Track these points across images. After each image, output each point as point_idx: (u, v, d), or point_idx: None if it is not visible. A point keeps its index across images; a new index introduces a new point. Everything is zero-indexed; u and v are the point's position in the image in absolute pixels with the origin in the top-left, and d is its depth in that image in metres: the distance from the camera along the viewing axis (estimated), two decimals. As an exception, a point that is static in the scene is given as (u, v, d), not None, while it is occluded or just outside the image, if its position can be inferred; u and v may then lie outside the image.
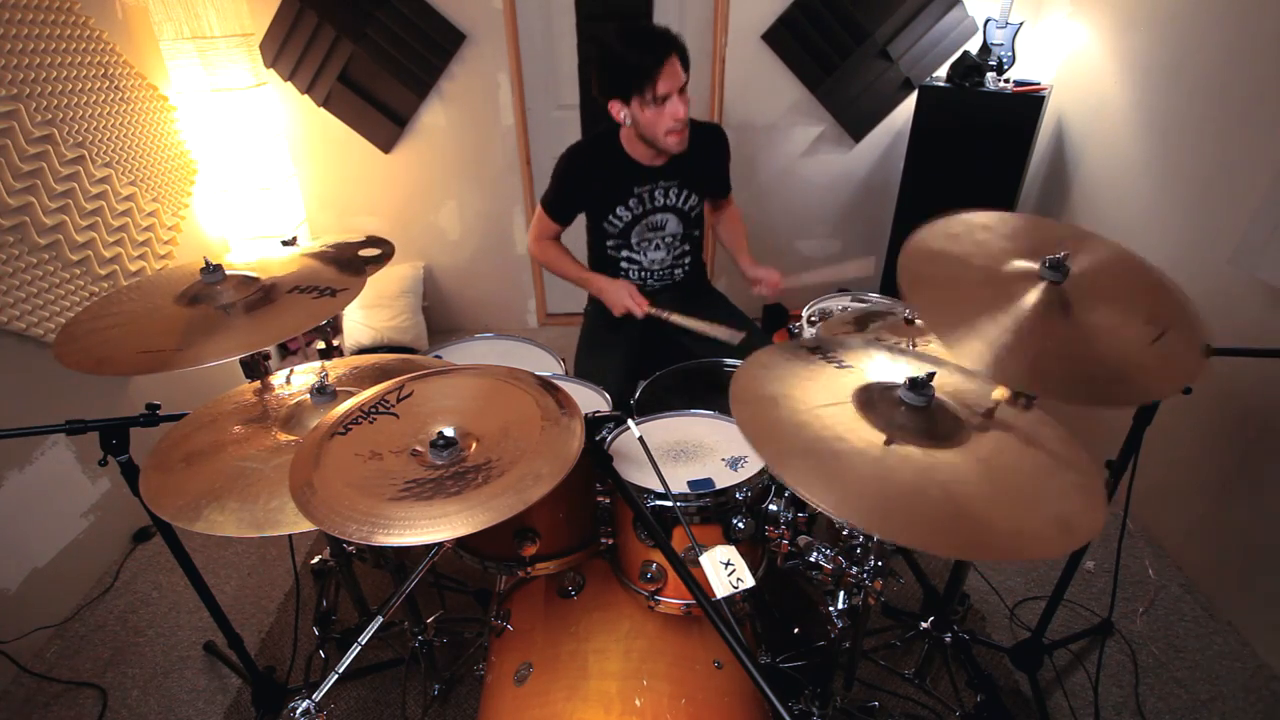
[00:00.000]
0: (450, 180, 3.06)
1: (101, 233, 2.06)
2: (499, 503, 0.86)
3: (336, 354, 1.72)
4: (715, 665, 1.21)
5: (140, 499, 1.04)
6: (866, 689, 1.67)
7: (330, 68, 2.76)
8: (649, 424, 1.40)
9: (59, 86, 1.91)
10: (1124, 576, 1.98)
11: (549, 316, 3.45)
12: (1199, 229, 1.95)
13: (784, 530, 1.18)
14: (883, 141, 2.97)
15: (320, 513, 0.86)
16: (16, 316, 1.77)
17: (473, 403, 1.07)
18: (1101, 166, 2.42)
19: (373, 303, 3.07)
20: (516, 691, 1.19)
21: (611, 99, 1.66)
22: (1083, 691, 1.69)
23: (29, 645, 1.85)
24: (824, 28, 2.71)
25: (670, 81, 1.59)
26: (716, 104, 2.90)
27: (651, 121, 1.65)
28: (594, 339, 1.97)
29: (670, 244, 1.92)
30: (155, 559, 2.16)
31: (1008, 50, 2.51)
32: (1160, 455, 1.78)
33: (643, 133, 1.69)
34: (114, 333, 1.18)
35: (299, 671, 1.75)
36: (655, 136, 1.68)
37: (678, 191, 1.83)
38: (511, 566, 1.24)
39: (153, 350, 1.13)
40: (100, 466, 1.22)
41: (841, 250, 3.27)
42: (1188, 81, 1.99)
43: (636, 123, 1.67)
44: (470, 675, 1.71)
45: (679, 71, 1.61)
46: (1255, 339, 1.72)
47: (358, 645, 0.93)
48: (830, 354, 1.12)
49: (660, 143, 1.69)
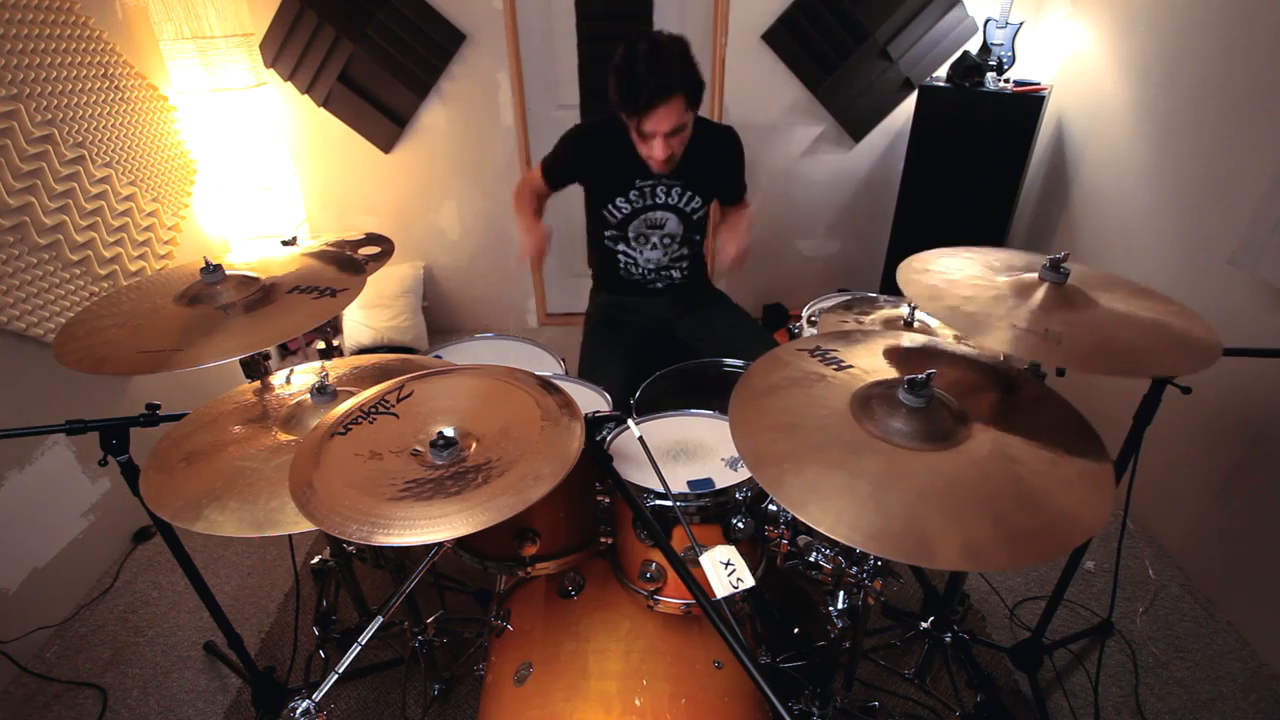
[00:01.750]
0: (450, 180, 3.06)
1: (101, 233, 2.06)
2: (499, 503, 0.86)
3: (336, 354, 1.72)
4: (715, 665, 1.21)
5: (140, 499, 1.04)
6: (866, 689, 1.66)
7: (330, 68, 2.76)
8: (649, 424, 1.40)
9: (59, 86, 1.91)
10: (1124, 576, 1.98)
11: (549, 316, 3.45)
12: (1199, 229, 1.95)
13: (784, 530, 1.18)
14: (883, 141, 2.97)
15: (320, 513, 0.86)
16: (16, 316, 1.77)
17: (473, 403, 1.07)
18: (1101, 166, 2.42)
19: (373, 303, 3.07)
20: (516, 691, 1.19)
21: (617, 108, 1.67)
22: (1083, 691, 1.69)
23: (29, 645, 1.85)
24: (824, 28, 2.71)
25: (658, 125, 1.57)
26: (716, 104, 2.90)
27: (639, 143, 1.67)
28: (596, 340, 1.97)
29: (667, 245, 1.91)
30: (155, 559, 2.16)
31: (1008, 50, 2.51)
32: (1160, 455, 1.78)
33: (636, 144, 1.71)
34: (114, 333, 1.18)
35: (299, 671, 1.75)
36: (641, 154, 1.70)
37: (680, 192, 1.83)
38: (511, 566, 1.24)
39: (152, 350, 1.13)
40: (100, 466, 1.22)
41: (841, 250, 3.27)
42: (1188, 81, 1.99)
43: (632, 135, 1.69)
44: (470, 675, 1.71)
45: (675, 115, 1.57)
46: (1255, 339, 1.72)
47: (358, 645, 0.93)
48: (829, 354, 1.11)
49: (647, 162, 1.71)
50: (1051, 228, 2.72)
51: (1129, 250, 2.25)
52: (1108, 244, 2.36)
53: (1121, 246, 2.29)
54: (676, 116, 1.58)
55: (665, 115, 1.56)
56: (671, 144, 1.63)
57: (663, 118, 1.57)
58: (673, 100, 1.55)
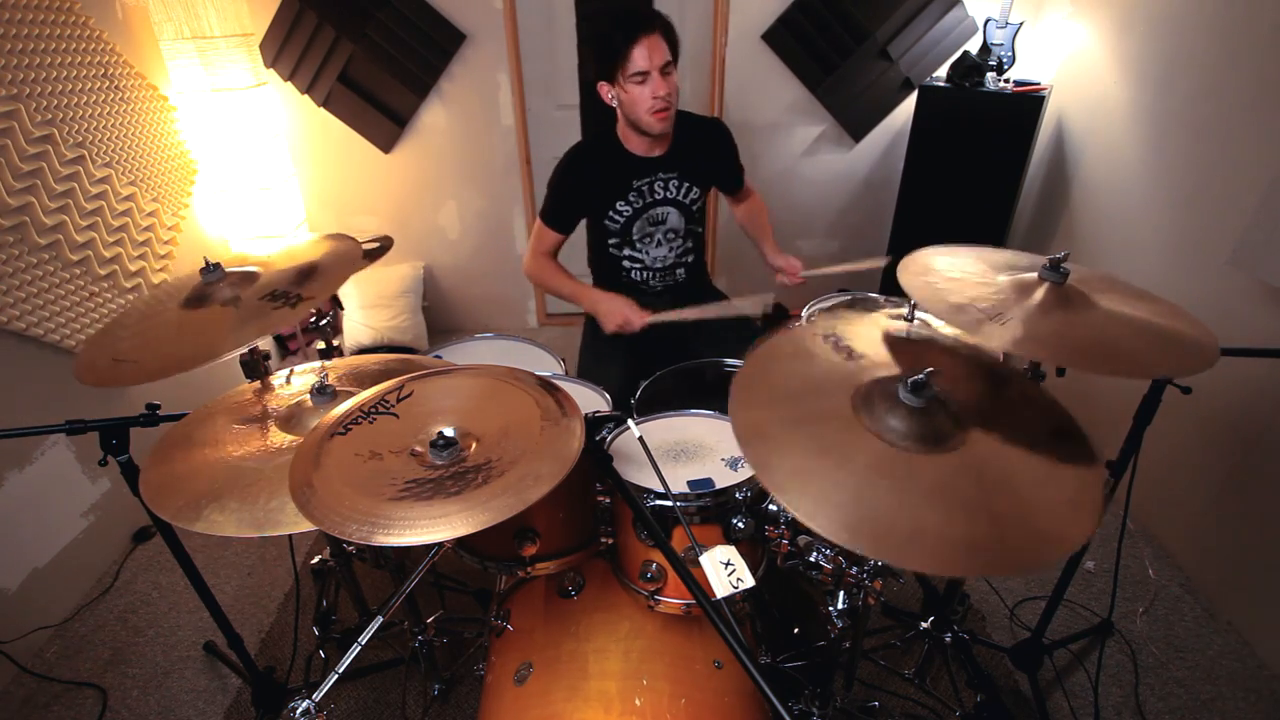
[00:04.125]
0: (450, 180, 3.06)
1: (101, 233, 2.06)
2: (499, 503, 0.86)
3: (336, 354, 1.72)
4: (715, 665, 1.21)
5: (140, 499, 1.04)
6: (866, 689, 1.66)
7: (330, 68, 2.76)
8: (649, 424, 1.40)
9: (59, 86, 1.91)
10: (1124, 576, 1.98)
11: (549, 316, 3.45)
12: (1199, 228, 1.95)
13: (784, 530, 1.18)
14: (883, 141, 2.97)
15: (320, 513, 0.86)
16: (16, 316, 1.77)
17: (473, 403, 1.07)
18: (1101, 166, 2.42)
19: (373, 303, 3.07)
20: (516, 691, 1.19)
21: (600, 82, 1.68)
22: (1083, 691, 1.68)
23: (29, 645, 1.85)
24: (824, 28, 2.71)
25: (647, 57, 1.59)
26: (717, 104, 2.90)
27: (634, 101, 1.65)
28: (596, 341, 1.97)
29: (671, 239, 1.91)
30: (155, 559, 2.16)
31: (1008, 50, 2.51)
32: (1160, 455, 1.78)
33: (629, 114, 1.70)
34: (126, 345, 1.20)
35: (299, 671, 1.75)
36: (639, 117, 1.68)
37: (678, 184, 1.83)
38: (511, 566, 1.24)
39: (169, 355, 1.14)
40: (100, 466, 1.22)
41: (841, 250, 3.27)
42: (1187, 81, 1.99)
43: (622, 104, 1.68)
44: (470, 675, 1.71)
45: (659, 49, 1.60)
46: (1254, 339, 1.72)
47: (358, 645, 0.93)
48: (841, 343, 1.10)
49: (644, 123, 1.68)
50: (1051, 228, 2.72)
51: (1129, 250, 2.25)
52: (1107, 244, 2.36)
53: (1121, 246, 2.29)
54: (662, 50, 1.60)
55: (652, 46, 1.59)
56: (668, 82, 1.63)
57: (650, 49, 1.58)
58: (653, 33, 1.58)
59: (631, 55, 1.58)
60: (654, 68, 1.60)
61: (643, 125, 1.69)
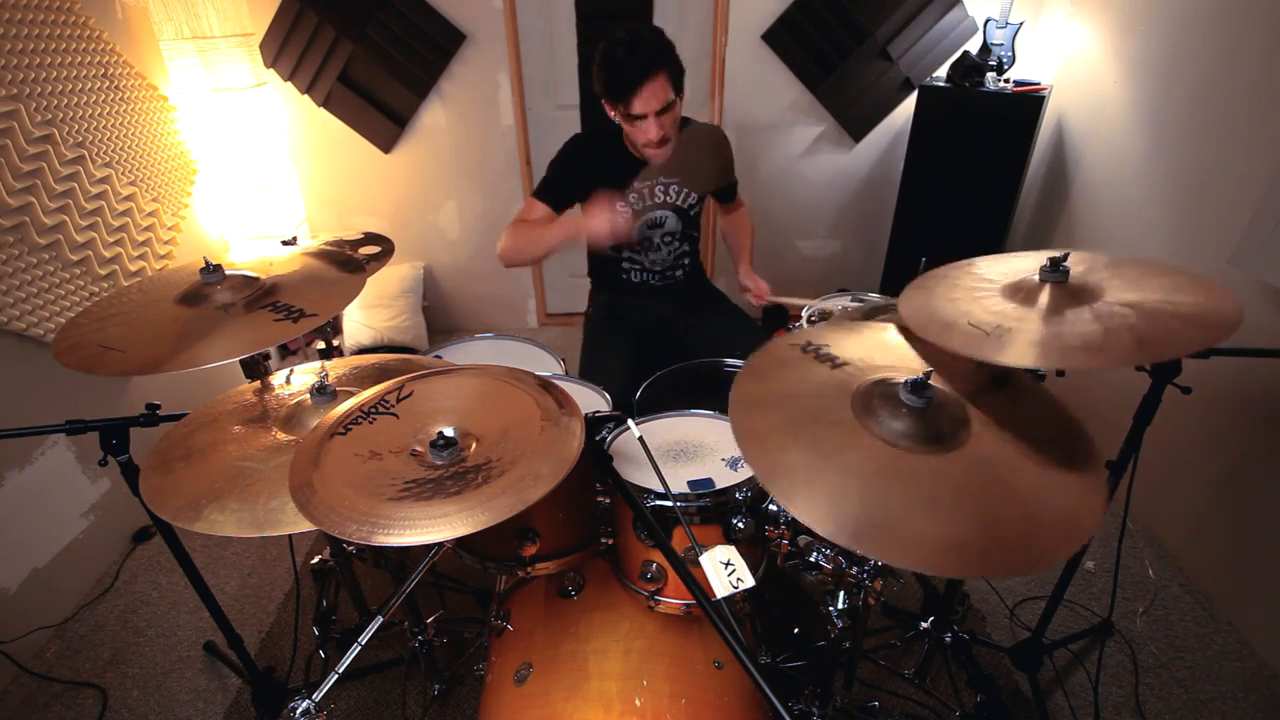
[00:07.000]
0: (450, 180, 3.06)
1: (101, 233, 2.06)
2: (499, 503, 0.86)
3: (336, 354, 1.72)
4: (715, 665, 1.21)
5: (140, 499, 1.04)
6: (866, 689, 1.66)
7: (330, 68, 2.76)
8: (649, 424, 1.40)
9: (59, 86, 1.91)
10: (1124, 576, 1.98)
11: (549, 316, 3.45)
12: (1198, 228, 1.95)
13: (784, 530, 1.18)
14: (883, 141, 2.97)
15: (320, 513, 0.86)
16: (16, 316, 1.77)
17: (473, 403, 1.07)
18: (1101, 166, 2.42)
19: (373, 303, 3.07)
20: (516, 691, 1.19)
21: (602, 98, 1.68)
22: (1083, 691, 1.68)
23: (29, 645, 1.85)
24: (824, 28, 2.71)
25: (646, 103, 1.58)
26: (717, 104, 2.90)
27: (631, 132, 1.68)
28: (596, 340, 1.97)
29: (669, 243, 1.92)
30: (155, 559, 2.16)
31: (1008, 50, 2.51)
32: (1160, 455, 1.78)
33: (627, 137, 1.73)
34: (114, 333, 1.18)
35: (299, 671, 1.75)
36: (634, 146, 1.72)
37: (678, 189, 1.84)
38: (511, 566, 1.24)
39: (152, 351, 1.13)
40: (100, 466, 1.22)
41: (841, 250, 3.27)
42: (1187, 81, 1.99)
43: (622, 126, 1.70)
44: (470, 675, 1.71)
45: (659, 94, 1.58)
46: (1255, 339, 1.72)
47: (358, 645, 0.93)
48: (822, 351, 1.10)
49: (639, 153, 1.72)
50: (1052, 228, 2.72)
51: (1129, 249, 2.25)
52: (1108, 244, 2.36)
53: (1121, 246, 2.29)
54: (662, 94, 1.60)
55: (652, 93, 1.58)
56: (663, 123, 1.64)
57: (650, 95, 1.58)
58: (656, 78, 1.57)
59: (633, 99, 1.58)
60: (652, 112, 1.60)
61: (637, 153, 1.74)
